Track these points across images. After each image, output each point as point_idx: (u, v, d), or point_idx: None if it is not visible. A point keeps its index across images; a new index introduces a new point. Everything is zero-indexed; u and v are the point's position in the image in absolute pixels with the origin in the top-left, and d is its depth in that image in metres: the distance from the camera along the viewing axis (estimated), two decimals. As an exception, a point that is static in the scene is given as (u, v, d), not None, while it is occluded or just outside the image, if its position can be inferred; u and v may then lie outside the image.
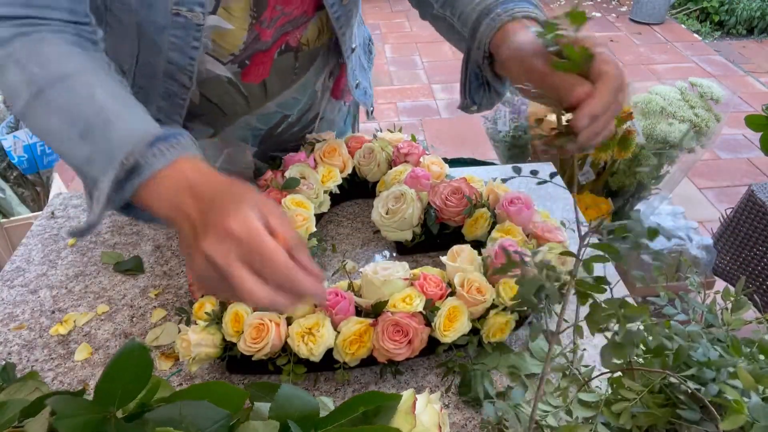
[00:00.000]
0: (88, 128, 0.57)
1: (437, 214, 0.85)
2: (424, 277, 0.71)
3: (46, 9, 0.62)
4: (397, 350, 0.65)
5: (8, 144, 1.91)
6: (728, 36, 4.41)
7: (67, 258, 0.92)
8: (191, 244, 0.50)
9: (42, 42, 0.61)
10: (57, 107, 0.58)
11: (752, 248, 1.61)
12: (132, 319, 0.81)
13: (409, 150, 0.95)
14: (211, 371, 0.72)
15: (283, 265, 0.47)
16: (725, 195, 2.64)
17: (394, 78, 3.81)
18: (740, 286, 0.57)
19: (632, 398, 0.51)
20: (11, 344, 0.77)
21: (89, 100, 0.58)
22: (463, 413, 0.67)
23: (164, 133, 0.56)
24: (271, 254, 0.47)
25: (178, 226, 0.53)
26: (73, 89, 0.59)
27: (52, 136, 0.59)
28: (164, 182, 0.54)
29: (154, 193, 0.54)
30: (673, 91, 1.60)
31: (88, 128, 0.57)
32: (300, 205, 0.84)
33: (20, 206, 1.96)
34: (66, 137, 0.58)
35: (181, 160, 0.55)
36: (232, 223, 0.47)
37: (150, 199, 0.55)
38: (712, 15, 4.51)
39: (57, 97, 0.58)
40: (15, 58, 0.60)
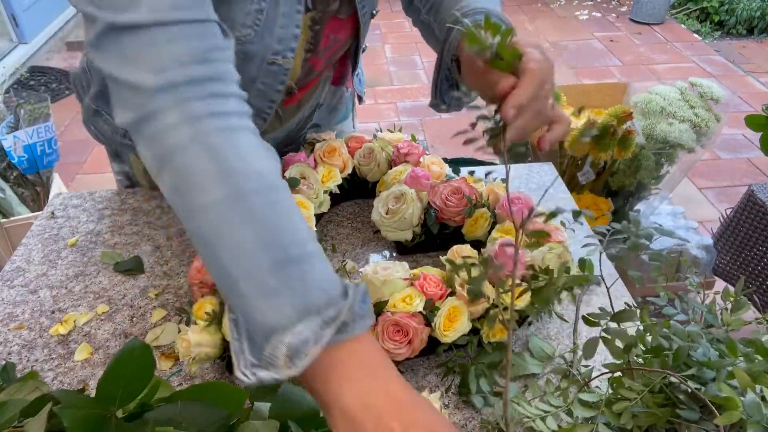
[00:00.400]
0: (286, 259, 0.47)
1: (437, 214, 0.85)
2: (424, 277, 0.71)
3: (226, 80, 0.54)
4: (397, 350, 0.65)
5: (8, 144, 1.91)
6: (728, 36, 4.41)
7: (67, 258, 0.92)
8: None
9: (235, 131, 0.52)
10: (258, 220, 0.48)
11: (752, 248, 1.61)
12: (132, 319, 0.81)
13: (409, 150, 0.95)
14: (211, 371, 0.72)
15: None
16: (725, 195, 2.64)
17: (394, 78, 3.81)
18: (740, 287, 0.57)
19: (633, 398, 0.51)
20: (11, 344, 0.77)
21: (291, 225, 0.50)
22: (463, 413, 0.67)
23: (363, 288, 0.49)
24: None
25: (354, 421, 0.44)
26: (277, 205, 0.50)
27: (230, 248, 0.48)
28: (356, 357, 0.47)
29: (340, 364, 0.46)
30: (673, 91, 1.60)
31: (286, 259, 0.47)
32: (300, 205, 0.84)
33: (20, 206, 1.96)
34: (252, 257, 0.47)
35: (365, 340, 0.48)
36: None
37: (329, 359, 0.46)
38: (712, 15, 4.51)
39: (261, 209, 0.49)
40: (208, 143, 0.49)
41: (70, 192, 1.09)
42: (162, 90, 0.50)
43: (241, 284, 0.47)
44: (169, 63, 0.50)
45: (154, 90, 0.49)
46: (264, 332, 0.46)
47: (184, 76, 0.50)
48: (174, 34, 0.50)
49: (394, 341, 0.65)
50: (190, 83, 0.50)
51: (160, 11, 0.50)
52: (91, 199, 1.05)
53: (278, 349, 0.45)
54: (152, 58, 0.50)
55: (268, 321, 0.46)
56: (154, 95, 0.50)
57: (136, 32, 0.50)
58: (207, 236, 0.49)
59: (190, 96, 0.50)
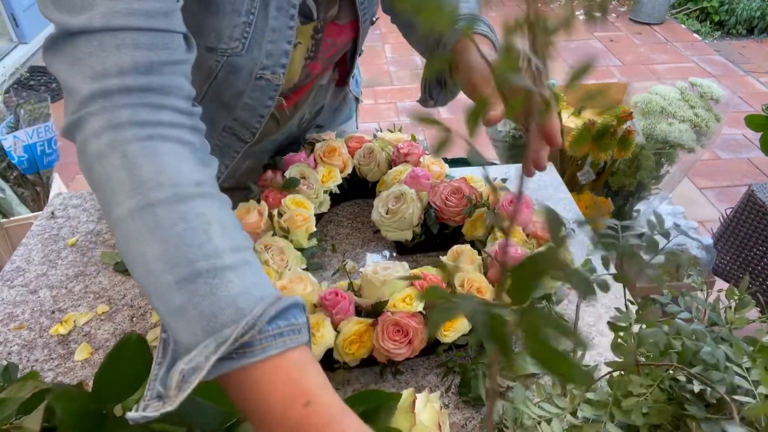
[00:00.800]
0: (193, 275, 0.44)
1: (437, 214, 0.85)
2: (424, 277, 0.70)
3: (169, 92, 0.51)
4: (397, 350, 0.65)
5: (8, 144, 1.91)
6: (728, 36, 4.41)
7: (67, 258, 0.92)
8: None
9: (159, 140, 0.49)
10: (164, 234, 0.45)
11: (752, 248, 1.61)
12: (132, 319, 0.81)
13: (409, 150, 0.95)
14: (211, 371, 0.72)
15: None
16: (725, 195, 2.64)
17: (394, 78, 3.80)
18: (744, 285, 0.57)
19: (642, 393, 0.51)
20: (11, 344, 0.77)
21: (203, 239, 0.46)
22: (463, 413, 0.67)
23: (283, 304, 0.45)
24: None
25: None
26: (187, 218, 0.46)
27: (139, 264, 0.46)
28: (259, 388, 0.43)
29: (253, 386, 0.43)
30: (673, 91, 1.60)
31: (193, 275, 0.44)
32: (300, 205, 0.84)
33: (20, 206, 1.96)
34: (157, 273, 0.45)
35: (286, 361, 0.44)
36: None
37: (233, 390, 0.44)
38: (712, 15, 4.51)
39: (168, 222, 0.46)
40: (124, 150, 0.47)
41: (70, 192, 1.09)
42: (95, 96, 0.48)
43: (154, 301, 0.45)
44: (110, 69, 0.48)
45: (88, 95, 0.48)
46: (179, 355, 0.43)
47: (121, 84, 0.48)
48: (123, 41, 0.48)
49: (394, 341, 0.65)
50: (124, 92, 0.48)
51: (114, 17, 0.48)
52: (91, 199, 1.05)
53: (173, 378, 0.42)
54: (95, 63, 0.48)
55: (184, 341, 0.43)
56: (87, 101, 0.48)
57: (87, 37, 0.48)
58: (122, 250, 0.47)
59: (119, 104, 0.48)
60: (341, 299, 0.68)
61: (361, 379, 0.71)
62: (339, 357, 0.67)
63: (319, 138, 0.98)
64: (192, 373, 0.42)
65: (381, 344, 0.65)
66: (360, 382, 0.71)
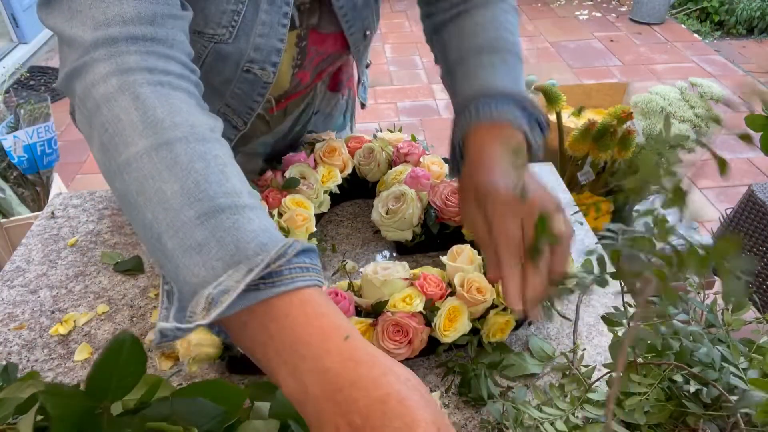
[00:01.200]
0: (214, 210, 0.43)
1: (437, 214, 0.85)
2: (424, 277, 0.70)
3: (173, 45, 0.50)
4: (397, 350, 0.65)
5: (8, 144, 1.91)
6: (728, 36, 4.41)
7: (67, 258, 0.92)
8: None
9: (169, 87, 0.48)
10: (183, 171, 0.44)
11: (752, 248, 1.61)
12: (132, 319, 0.81)
13: (409, 150, 0.95)
14: (211, 371, 0.72)
15: None
16: (725, 195, 2.64)
17: (394, 78, 3.81)
18: (741, 287, 0.57)
19: (643, 392, 0.51)
20: (11, 344, 0.77)
21: (221, 177, 0.45)
22: (463, 413, 0.67)
23: (306, 245, 0.44)
24: None
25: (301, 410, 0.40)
26: (205, 157, 0.45)
27: (154, 202, 0.44)
28: (289, 323, 0.41)
29: (284, 319, 0.41)
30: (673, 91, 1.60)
31: (214, 210, 0.43)
32: (300, 205, 0.84)
33: (20, 206, 1.96)
34: (176, 209, 0.43)
35: (314, 296, 0.42)
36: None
37: (258, 327, 0.42)
38: (712, 15, 4.51)
39: (187, 159, 0.44)
40: (136, 92, 0.46)
41: (70, 192, 1.09)
42: (99, 43, 0.46)
43: (167, 241, 0.43)
44: (113, 19, 0.47)
45: (91, 43, 0.47)
46: (192, 291, 0.42)
47: (126, 32, 0.47)
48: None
49: (394, 341, 0.65)
50: (130, 40, 0.47)
51: None
52: (91, 199, 1.05)
53: (198, 304, 0.41)
54: (97, 13, 0.47)
55: (197, 278, 0.42)
56: (90, 48, 0.47)
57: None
58: (130, 193, 0.45)
59: (126, 51, 0.47)
60: (341, 299, 0.68)
61: (361, 379, 0.71)
62: (339, 357, 0.67)
63: (319, 138, 0.98)
64: (221, 295, 0.40)
65: (381, 344, 0.65)
66: (360, 382, 0.71)
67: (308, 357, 0.40)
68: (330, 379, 0.39)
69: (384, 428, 0.37)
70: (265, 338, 0.41)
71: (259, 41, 0.72)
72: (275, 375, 0.41)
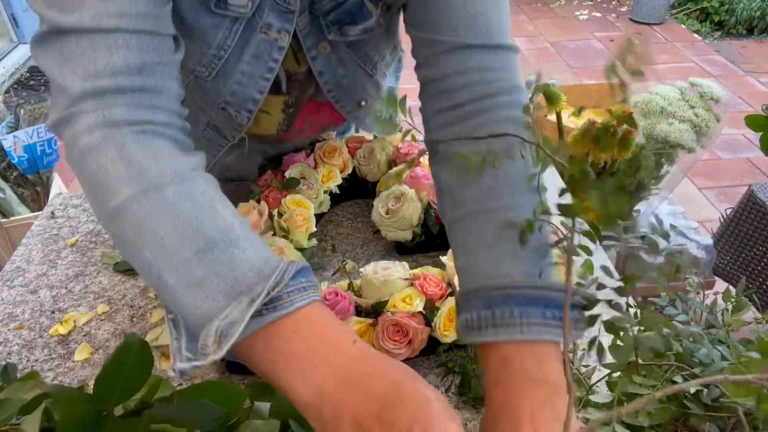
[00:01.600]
0: (209, 245, 0.46)
1: (437, 214, 0.85)
2: (424, 277, 0.70)
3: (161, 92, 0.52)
4: (397, 350, 0.65)
5: (8, 144, 1.91)
6: (728, 36, 4.41)
7: (67, 258, 0.92)
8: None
9: (152, 135, 0.50)
10: (174, 211, 0.46)
11: (752, 248, 1.61)
12: (132, 319, 0.81)
13: (409, 150, 0.95)
14: (211, 371, 0.72)
15: None
16: (725, 195, 2.64)
17: (394, 78, 3.80)
18: (741, 288, 0.57)
19: (646, 394, 0.51)
20: (11, 344, 0.77)
21: (212, 213, 0.48)
22: (463, 413, 0.67)
23: (300, 265, 0.47)
24: None
25: (316, 416, 0.42)
26: (193, 195, 0.48)
27: (151, 244, 0.46)
28: (297, 339, 0.44)
29: (292, 335, 0.44)
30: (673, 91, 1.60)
31: (209, 245, 0.46)
32: (300, 205, 0.84)
33: (20, 206, 1.96)
34: (174, 249, 0.46)
35: (316, 311, 0.46)
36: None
37: (265, 346, 0.44)
38: (712, 15, 4.51)
39: (176, 200, 0.47)
40: (119, 142, 0.48)
41: (70, 192, 1.09)
42: (87, 95, 0.48)
43: (167, 279, 0.46)
44: (102, 70, 0.48)
45: (79, 94, 0.48)
46: (201, 324, 0.45)
47: (114, 84, 0.49)
48: (114, 42, 0.49)
49: (394, 341, 0.65)
50: (118, 92, 0.49)
51: (105, 17, 0.49)
52: (91, 199, 1.05)
53: (209, 337, 0.44)
54: (87, 63, 0.49)
55: (203, 311, 0.45)
56: (78, 99, 0.48)
57: (78, 36, 0.49)
58: (126, 236, 0.47)
59: (114, 103, 0.49)
60: (341, 299, 0.68)
61: (361, 379, 0.71)
62: (339, 357, 0.67)
63: (319, 138, 0.98)
64: (230, 327, 0.43)
65: (381, 344, 0.65)
66: (360, 382, 0.71)
67: (320, 363, 0.43)
68: (344, 374, 0.43)
69: (402, 407, 0.40)
70: (273, 355, 0.44)
71: (237, 87, 0.72)
72: (286, 387, 0.44)
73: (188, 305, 0.46)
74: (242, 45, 0.68)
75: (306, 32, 0.69)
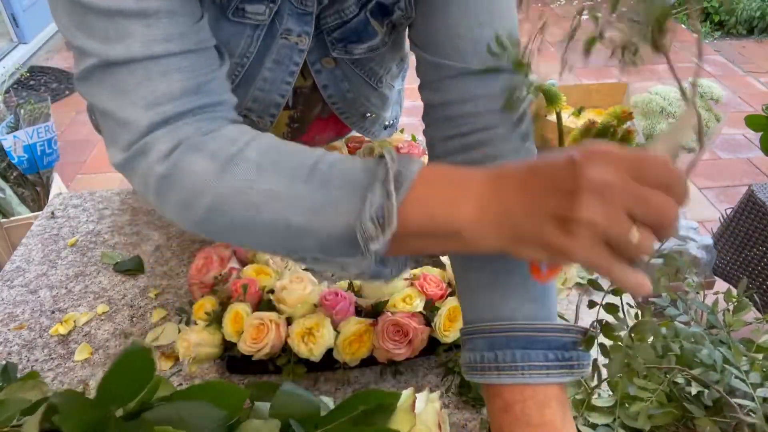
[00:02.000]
0: (312, 171, 0.46)
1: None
2: (424, 277, 0.70)
3: (219, 105, 0.53)
4: (397, 350, 0.65)
5: (8, 144, 1.91)
6: (728, 36, 4.41)
7: (67, 258, 0.92)
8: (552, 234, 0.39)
9: (216, 123, 0.51)
10: (267, 163, 0.47)
11: (752, 248, 1.61)
12: (132, 319, 0.81)
13: (409, 150, 0.95)
14: (211, 371, 0.72)
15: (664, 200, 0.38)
16: (725, 195, 2.64)
17: (394, 78, 3.80)
18: (742, 288, 0.57)
19: (647, 397, 0.51)
20: (11, 344, 0.77)
21: (291, 146, 0.49)
22: (463, 413, 0.67)
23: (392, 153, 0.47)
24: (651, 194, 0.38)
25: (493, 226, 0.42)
26: (273, 144, 0.49)
27: (261, 203, 0.46)
28: (434, 188, 0.44)
29: (427, 201, 0.44)
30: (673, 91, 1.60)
31: (312, 171, 0.46)
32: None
33: (20, 206, 1.96)
34: (286, 191, 0.46)
35: (433, 166, 0.47)
36: (597, 176, 0.37)
37: (419, 212, 0.44)
38: (712, 15, 4.51)
39: (259, 156, 0.48)
40: (196, 146, 0.48)
41: (70, 192, 1.09)
42: (155, 125, 0.48)
43: (299, 220, 0.46)
44: (162, 97, 0.48)
45: (148, 125, 0.48)
46: (346, 228, 0.44)
47: (176, 109, 0.49)
48: (167, 68, 0.49)
49: (394, 341, 0.65)
50: (182, 115, 0.49)
51: (153, 45, 0.48)
52: (91, 199, 1.05)
53: (366, 232, 0.43)
54: (146, 93, 0.48)
55: (343, 222, 0.44)
56: (148, 130, 0.48)
57: (129, 67, 0.48)
58: (238, 217, 0.47)
59: (183, 124, 0.49)
60: (341, 299, 0.68)
61: (361, 379, 0.71)
62: (339, 357, 0.67)
63: (319, 138, 0.98)
64: (381, 210, 0.43)
65: (381, 344, 0.65)
66: (360, 382, 0.71)
67: (465, 185, 0.44)
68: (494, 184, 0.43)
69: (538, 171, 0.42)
70: (423, 208, 0.44)
71: (259, 94, 0.72)
72: (449, 217, 0.43)
73: (329, 228, 0.45)
74: (264, 51, 0.67)
75: (310, 47, 0.68)
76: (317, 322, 0.66)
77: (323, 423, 0.49)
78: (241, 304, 0.68)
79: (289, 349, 0.67)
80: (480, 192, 0.43)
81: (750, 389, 0.49)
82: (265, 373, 0.70)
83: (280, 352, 0.67)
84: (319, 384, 0.71)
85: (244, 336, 0.66)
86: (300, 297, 0.69)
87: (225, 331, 0.67)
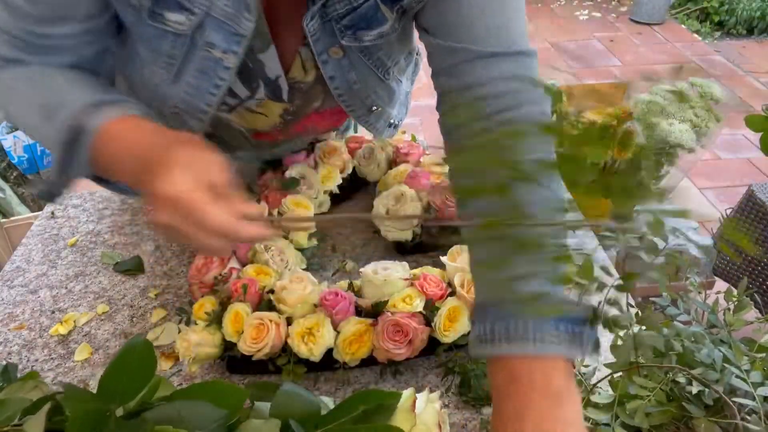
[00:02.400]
0: (49, 110, 0.57)
1: (437, 214, 0.85)
2: (424, 277, 0.70)
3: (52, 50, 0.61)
4: (397, 350, 0.65)
5: (8, 144, 1.91)
6: (728, 36, 4.41)
7: (67, 258, 0.92)
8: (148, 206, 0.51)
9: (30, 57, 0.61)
10: (15, 94, 0.60)
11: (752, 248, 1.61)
12: (132, 319, 0.81)
13: (409, 150, 0.95)
14: (211, 371, 0.72)
15: (219, 224, 0.48)
16: (725, 195, 2.64)
17: (394, 78, 3.80)
18: (742, 288, 0.57)
19: (646, 396, 0.51)
20: (11, 344, 0.77)
21: (49, 84, 0.60)
22: (463, 413, 0.67)
23: (111, 98, 0.58)
24: (205, 218, 0.47)
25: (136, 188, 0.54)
26: (31, 78, 0.60)
27: (20, 122, 0.62)
28: (110, 144, 0.55)
29: (105, 156, 0.55)
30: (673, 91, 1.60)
31: (49, 110, 0.57)
32: (300, 205, 0.84)
33: (20, 206, 1.96)
34: (32, 123, 0.60)
35: (124, 119, 0.56)
36: (166, 189, 0.48)
37: (104, 162, 0.56)
38: (712, 15, 4.51)
39: (12, 83, 0.60)
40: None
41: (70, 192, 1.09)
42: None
43: (45, 144, 0.62)
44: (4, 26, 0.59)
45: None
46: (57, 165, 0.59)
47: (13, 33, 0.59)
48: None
49: (394, 341, 0.65)
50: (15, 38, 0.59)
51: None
52: (91, 199, 1.05)
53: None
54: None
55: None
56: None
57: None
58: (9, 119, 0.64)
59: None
60: (341, 299, 0.68)
61: (361, 379, 0.71)
62: (339, 357, 0.67)
63: (319, 138, 0.98)
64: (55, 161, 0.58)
65: (381, 344, 0.65)
66: (360, 382, 0.71)
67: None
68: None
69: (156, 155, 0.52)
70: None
71: (186, 97, 0.70)
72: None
73: (48, 146, 0.61)
74: (188, 58, 0.66)
75: (316, 37, 0.67)
76: (317, 322, 0.66)
77: (323, 423, 0.49)
78: (241, 304, 0.68)
79: (289, 349, 0.67)
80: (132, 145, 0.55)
81: (751, 388, 0.49)
82: (265, 373, 0.70)
83: (280, 352, 0.67)
84: (319, 384, 0.70)
85: (244, 336, 0.66)
86: (300, 297, 0.69)
87: (225, 331, 0.67)
